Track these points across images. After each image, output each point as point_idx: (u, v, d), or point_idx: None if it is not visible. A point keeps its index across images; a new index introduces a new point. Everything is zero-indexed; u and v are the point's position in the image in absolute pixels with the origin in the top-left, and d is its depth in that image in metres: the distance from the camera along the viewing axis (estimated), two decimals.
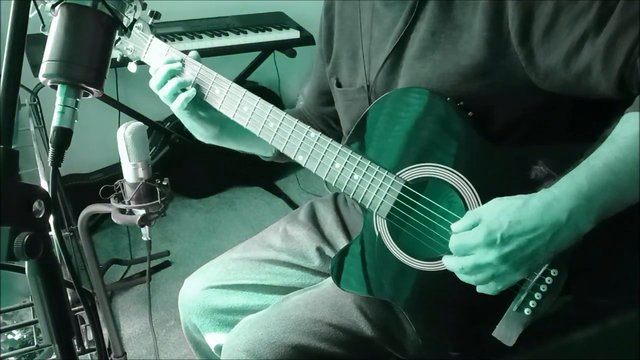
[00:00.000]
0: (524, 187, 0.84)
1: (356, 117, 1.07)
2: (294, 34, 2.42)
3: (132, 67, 1.11)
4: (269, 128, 1.02)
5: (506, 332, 0.90)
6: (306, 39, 2.43)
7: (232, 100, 1.04)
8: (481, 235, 0.79)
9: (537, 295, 0.88)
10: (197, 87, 1.05)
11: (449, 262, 0.85)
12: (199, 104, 1.07)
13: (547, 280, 0.87)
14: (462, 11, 0.91)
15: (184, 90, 1.05)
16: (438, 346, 0.98)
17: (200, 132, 1.11)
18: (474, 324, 0.95)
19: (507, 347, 0.90)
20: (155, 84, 1.05)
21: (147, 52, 1.08)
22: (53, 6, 0.71)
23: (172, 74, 1.04)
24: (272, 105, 1.02)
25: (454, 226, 0.84)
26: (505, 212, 0.79)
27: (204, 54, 1.08)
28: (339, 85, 1.13)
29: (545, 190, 0.79)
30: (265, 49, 2.43)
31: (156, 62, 1.06)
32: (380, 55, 1.02)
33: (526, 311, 0.88)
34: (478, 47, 0.89)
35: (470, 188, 0.91)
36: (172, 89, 1.03)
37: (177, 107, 1.05)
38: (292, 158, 1.02)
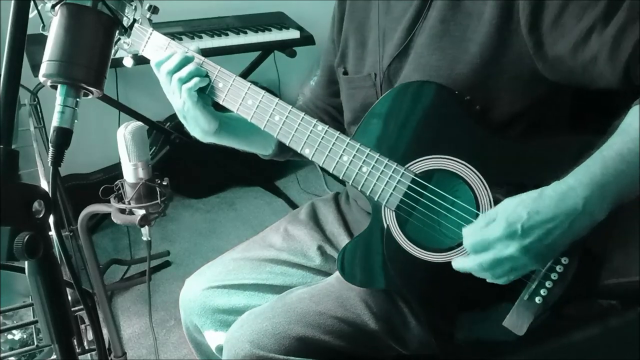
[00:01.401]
0: (531, 178, 0.85)
1: (358, 106, 1.08)
2: (294, 34, 2.42)
3: (127, 61, 1.10)
4: (274, 121, 1.02)
5: (517, 321, 0.90)
6: (306, 39, 2.43)
7: (236, 94, 1.04)
8: (501, 228, 0.79)
9: (548, 284, 0.88)
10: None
11: (462, 264, 0.85)
12: (201, 96, 1.07)
13: (558, 268, 0.88)
14: None
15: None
16: (449, 337, 0.99)
17: (202, 127, 1.09)
18: (485, 313, 0.96)
19: (516, 338, 0.90)
20: (170, 66, 1.03)
21: (147, 46, 1.07)
22: (53, 6, 0.71)
23: (188, 60, 1.04)
24: (277, 99, 1.02)
25: (466, 230, 0.84)
26: (521, 204, 0.80)
27: (204, 54, 1.08)
28: (345, 74, 1.14)
29: (559, 181, 0.80)
30: (265, 49, 2.43)
31: (156, 55, 1.05)
32: (390, 43, 1.04)
33: (537, 300, 0.89)
34: (487, 35, 0.91)
35: (480, 179, 0.91)
36: (191, 71, 1.02)
37: (187, 88, 1.03)
38: (299, 151, 1.02)
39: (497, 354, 0.93)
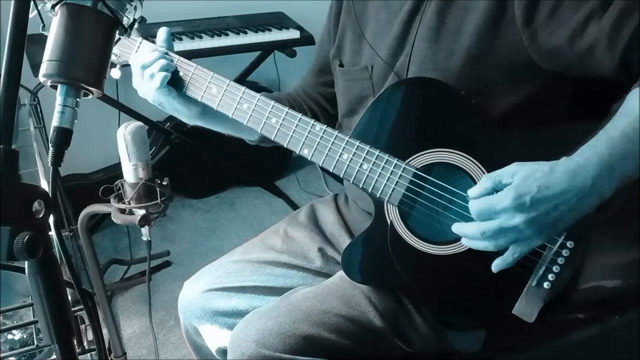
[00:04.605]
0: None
1: (354, 98, 1.08)
2: (294, 34, 2.42)
3: (115, 73, 1.11)
4: (271, 124, 1.03)
5: (526, 308, 0.91)
6: (306, 39, 2.43)
7: (231, 98, 1.04)
8: (509, 198, 0.79)
9: (555, 268, 0.89)
10: (190, 86, 1.06)
11: (464, 229, 0.85)
12: (177, 85, 1.07)
13: (564, 252, 0.88)
14: None
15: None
16: (458, 329, 0.99)
17: (184, 113, 1.10)
18: (493, 303, 0.96)
19: (527, 324, 0.90)
20: (144, 61, 1.04)
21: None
22: (53, 6, 0.71)
23: (162, 57, 1.04)
24: (273, 101, 1.03)
25: (472, 191, 0.84)
26: (532, 176, 0.80)
27: (204, 54, 1.09)
28: (341, 66, 1.14)
29: (568, 158, 0.81)
30: (265, 49, 2.43)
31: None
32: (387, 37, 1.05)
33: (545, 285, 0.89)
34: (480, 27, 0.92)
35: (481, 170, 0.92)
36: (162, 66, 1.04)
37: (157, 82, 1.04)
38: (297, 152, 1.02)
39: (517, 332, 0.93)
